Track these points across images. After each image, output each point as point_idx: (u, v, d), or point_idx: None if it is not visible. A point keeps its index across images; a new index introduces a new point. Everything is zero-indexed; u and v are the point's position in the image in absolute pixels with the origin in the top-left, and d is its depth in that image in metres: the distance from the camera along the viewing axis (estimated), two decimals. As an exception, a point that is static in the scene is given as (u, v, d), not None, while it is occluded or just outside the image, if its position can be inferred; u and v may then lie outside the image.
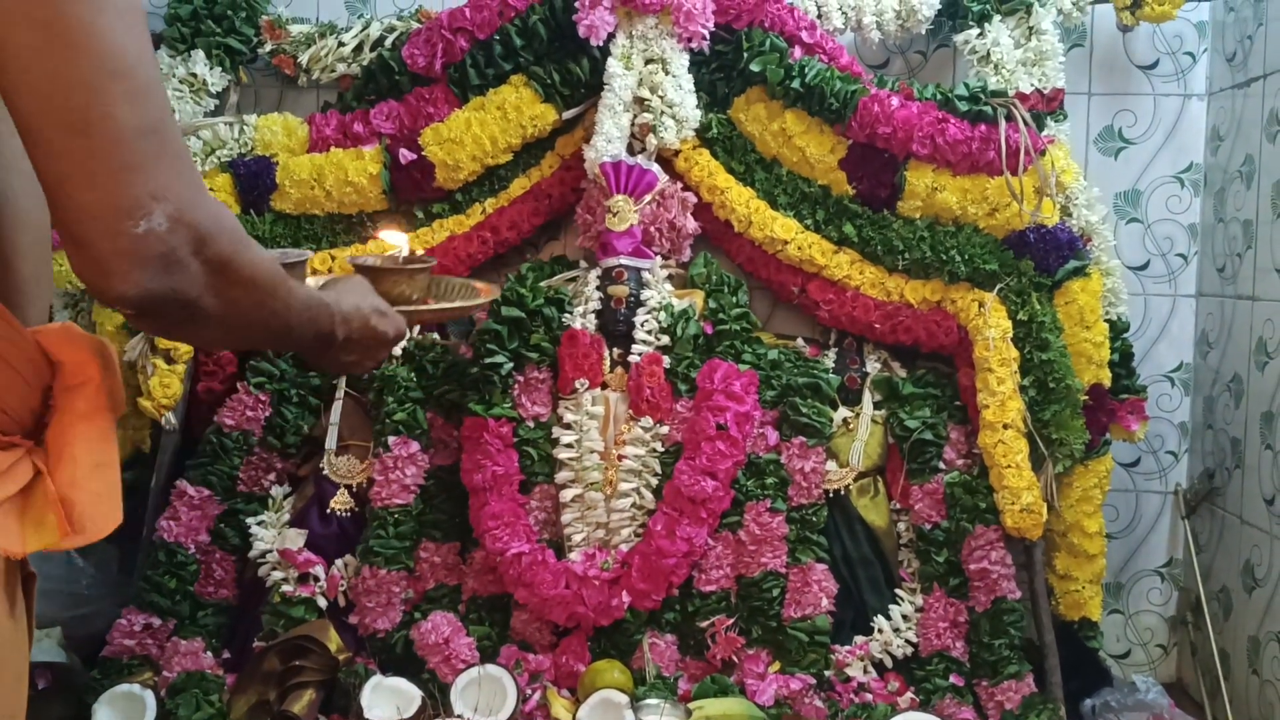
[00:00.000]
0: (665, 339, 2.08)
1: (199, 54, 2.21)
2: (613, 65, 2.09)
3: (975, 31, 2.15)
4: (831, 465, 2.09)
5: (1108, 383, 2.07)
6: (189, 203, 0.77)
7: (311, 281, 1.14)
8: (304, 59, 2.24)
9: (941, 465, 2.06)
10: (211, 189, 2.16)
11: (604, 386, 2.07)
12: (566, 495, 2.02)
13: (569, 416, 2.05)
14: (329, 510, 2.10)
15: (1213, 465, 2.20)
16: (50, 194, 0.75)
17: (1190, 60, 2.27)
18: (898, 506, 2.10)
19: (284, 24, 2.27)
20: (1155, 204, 2.29)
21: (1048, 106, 2.14)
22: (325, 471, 2.12)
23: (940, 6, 2.17)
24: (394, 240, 1.43)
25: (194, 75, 2.21)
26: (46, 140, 0.73)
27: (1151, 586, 2.33)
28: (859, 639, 2.02)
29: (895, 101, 2.05)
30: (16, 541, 0.81)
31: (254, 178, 2.17)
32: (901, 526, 2.10)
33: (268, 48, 2.26)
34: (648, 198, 2.11)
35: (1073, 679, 2.00)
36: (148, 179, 0.74)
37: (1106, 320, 2.08)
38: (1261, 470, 2.01)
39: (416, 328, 2.17)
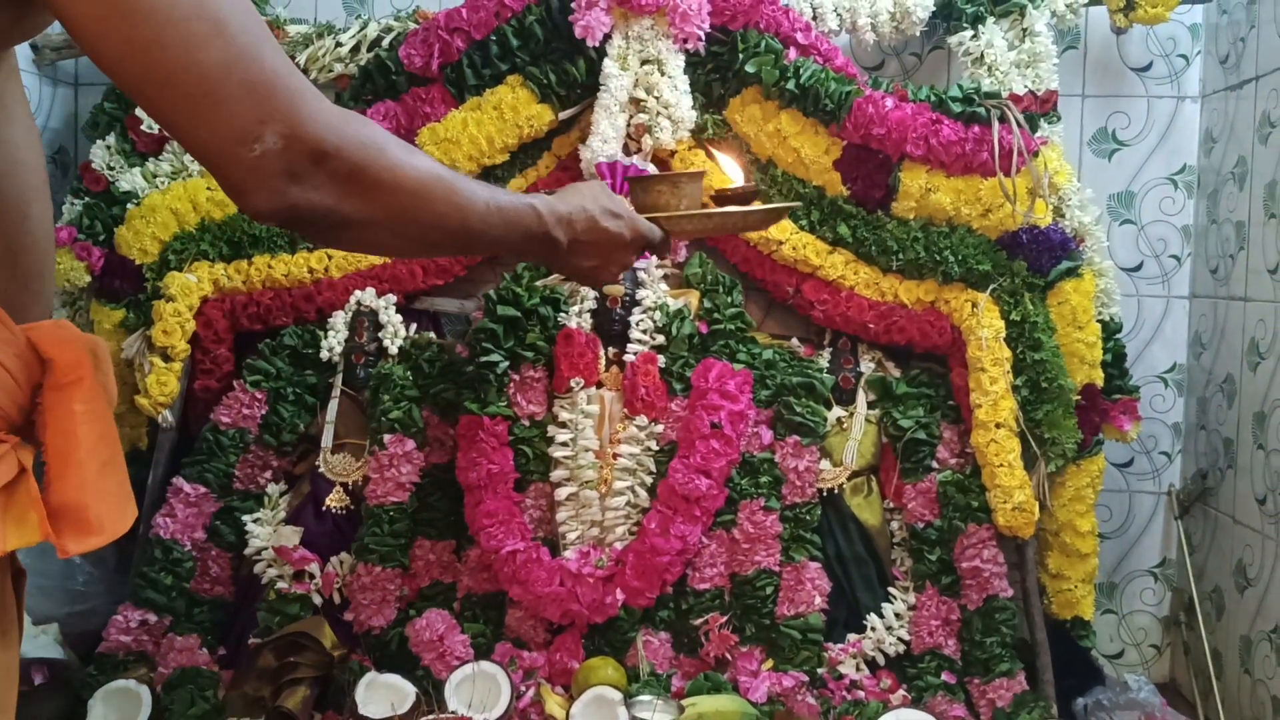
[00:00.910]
0: (660, 338, 2.09)
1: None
2: (609, 66, 2.10)
3: (969, 33, 2.16)
4: (825, 464, 2.10)
5: (1100, 383, 2.08)
6: (300, 119, 0.79)
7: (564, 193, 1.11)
8: (302, 59, 2.25)
9: (934, 464, 2.07)
10: (209, 188, 2.17)
11: (599, 385, 2.08)
12: (561, 493, 2.03)
13: (564, 415, 2.06)
14: (325, 508, 2.11)
15: (1206, 466, 2.21)
16: (176, 139, 0.81)
17: (1184, 62, 2.28)
18: (891, 505, 2.11)
19: (282, 24, 2.28)
20: (1149, 205, 2.30)
21: (1041, 108, 2.16)
22: (321, 469, 2.13)
23: (934, 8, 2.19)
24: (729, 171, 1.39)
25: (192, 75, 2.22)
26: (144, 97, 0.77)
27: (1145, 586, 2.34)
28: (852, 637, 2.03)
29: (889, 103, 2.07)
30: None
31: (251, 177, 2.17)
32: (894, 525, 2.11)
33: (266, 48, 2.26)
34: (643, 198, 2.11)
35: (1065, 678, 2.01)
36: (248, 107, 0.77)
37: (1099, 321, 2.09)
38: (1254, 470, 2.02)
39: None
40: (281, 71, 0.80)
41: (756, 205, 1.30)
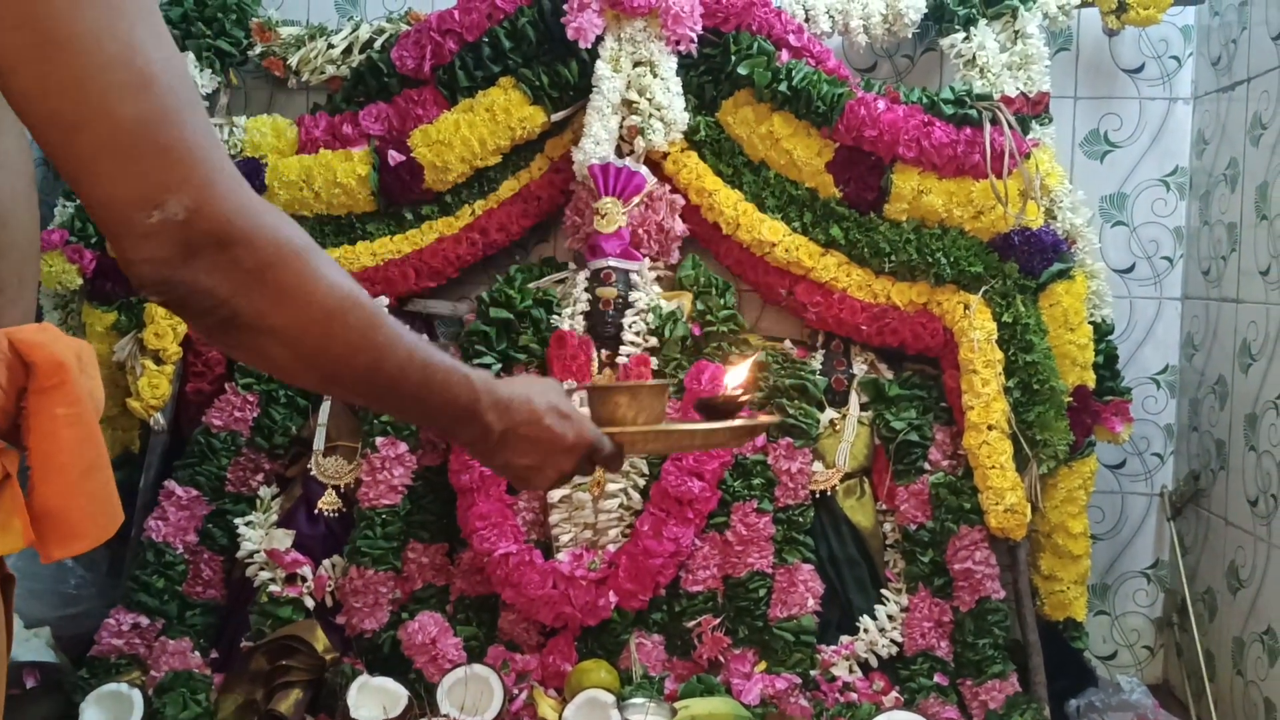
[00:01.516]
0: (653, 340, 2.09)
1: (189, 56, 2.21)
2: (601, 68, 2.10)
3: (961, 35, 2.16)
4: (818, 466, 2.10)
5: (1092, 384, 2.08)
6: (212, 195, 0.72)
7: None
8: (294, 61, 2.25)
9: (927, 466, 2.07)
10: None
11: (592, 388, 2.08)
12: (554, 496, 2.03)
13: (556, 417, 2.06)
14: (317, 511, 2.11)
15: (1198, 467, 2.22)
16: (72, 188, 0.74)
17: (1175, 64, 2.28)
18: (883, 507, 2.11)
19: (274, 26, 2.28)
20: (1141, 207, 2.30)
21: (1033, 110, 2.16)
22: (313, 472, 2.13)
23: (926, 10, 2.18)
24: (729, 379, 1.22)
25: (184, 77, 2.21)
26: (49, 140, 0.72)
27: (1138, 588, 2.34)
28: (844, 639, 2.03)
29: (882, 105, 2.07)
30: None
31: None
32: (887, 527, 2.11)
33: (258, 50, 2.26)
34: (636, 200, 2.12)
35: (1057, 679, 2.01)
36: (156, 170, 0.71)
37: (1091, 322, 2.09)
38: (1246, 472, 2.02)
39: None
40: (203, 142, 0.73)
41: (732, 422, 1.14)
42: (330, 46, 2.24)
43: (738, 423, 1.14)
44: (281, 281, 0.76)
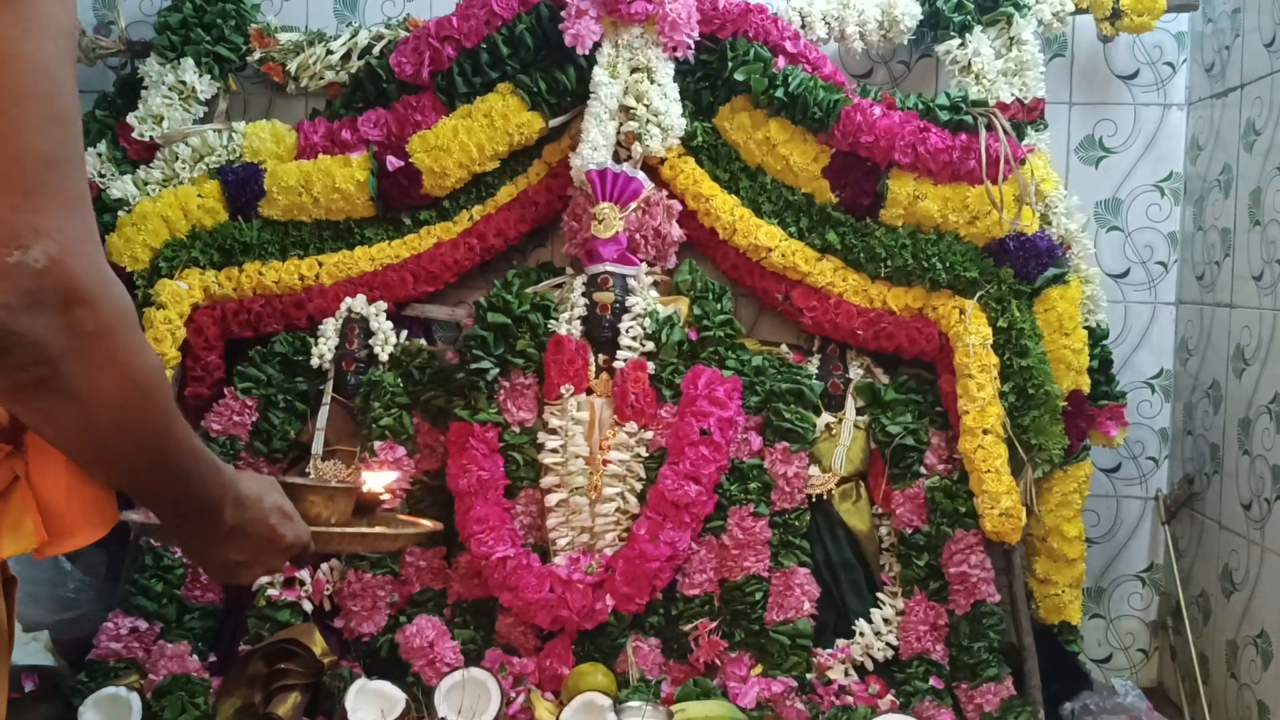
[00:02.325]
0: (650, 345, 2.10)
1: (188, 62, 2.23)
2: (599, 74, 2.11)
3: (956, 42, 2.17)
4: (814, 470, 2.11)
5: (1087, 389, 2.09)
6: (74, 251, 0.70)
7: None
8: (293, 67, 2.26)
9: (922, 470, 2.08)
10: (200, 195, 2.18)
11: (589, 392, 2.09)
12: (551, 500, 2.04)
13: (554, 422, 2.07)
14: (315, 515, 2.11)
15: (1192, 471, 2.23)
16: None
17: (1170, 70, 2.30)
18: (879, 511, 2.12)
19: (273, 32, 2.29)
20: (1135, 212, 2.31)
21: (1028, 116, 2.17)
22: (312, 476, 2.13)
23: (922, 17, 2.20)
24: (375, 481, 1.25)
25: (183, 83, 2.23)
26: None
27: (1133, 591, 2.35)
28: (840, 642, 2.04)
29: (877, 111, 2.08)
30: None
31: (242, 184, 2.18)
32: (883, 531, 2.12)
33: (257, 55, 2.27)
34: (633, 205, 2.13)
35: (1052, 682, 2.02)
36: (37, 210, 0.69)
37: (1086, 327, 2.11)
38: (1239, 476, 2.03)
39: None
40: (83, 196, 0.73)
41: (424, 525, 1.22)
42: (329, 52, 2.25)
43: (416, 531, 1.22)
44: (112, 350, 0.74)
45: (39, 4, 0.69)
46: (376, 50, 2.24)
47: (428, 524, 1.24)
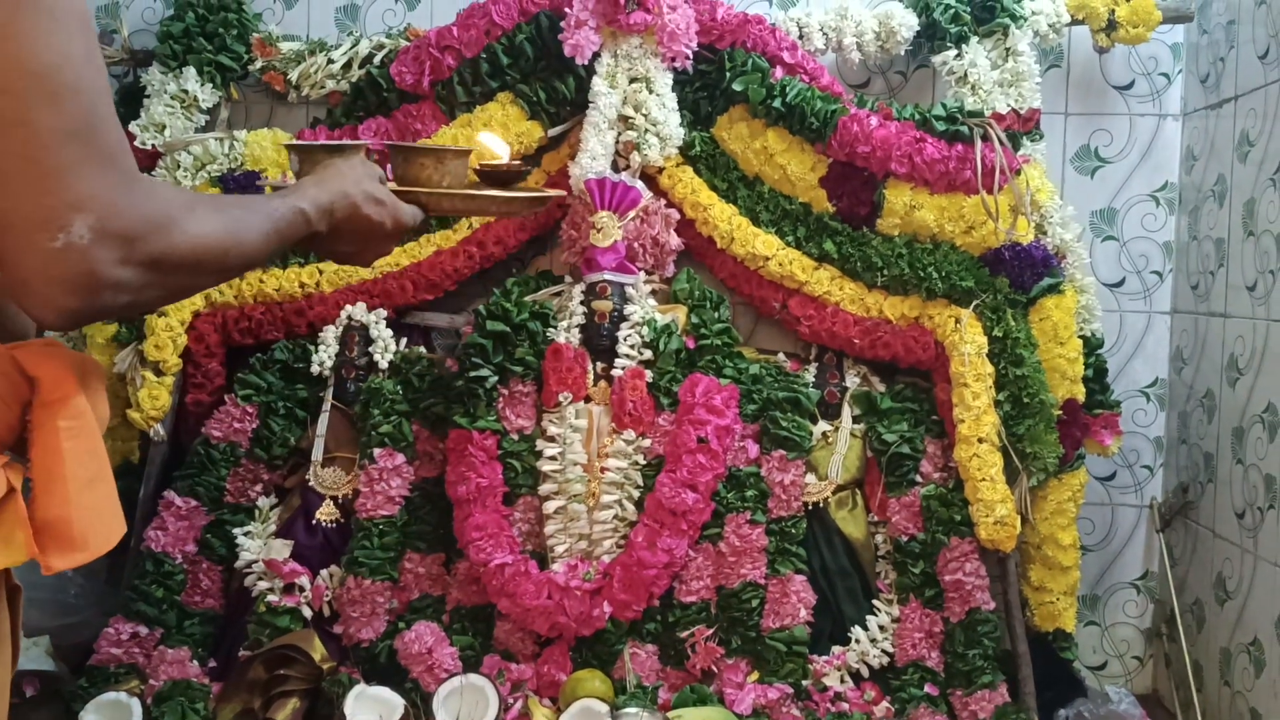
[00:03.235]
0: (648, 353, 2.12)
1: (191, 70, 2.24)
2: (598, 84, 2.13)
3: (953, 53, 2.19)
4: (811, 478, 2.12)
5: (1082, 398, 2.10)
6: (114, 209, 0.73)
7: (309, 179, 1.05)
8: (294, 76, 2.27)
9: (918, 478, 2.09)
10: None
11: (587, 400, 2.11)
12: (550, 507, 2.05)
13: (553, 429, 2.08)
14: (315, 521, 2.13)
15: (1187, 479, 2.24)
16: None
17: (1165, 81, 2.31)
18: (875, 519, 2.13)
19: (275, 41, 2.30)
20: (1131, 222, 2.33)
21: (1024, 126, 2.19)
22: (311, 483, 2.15)
23: (919, 28, 2.21)
24: (493, 146, 1.30)
25: (185, 91, 2.24)
26: None
27: (1127, 599, 2.36)
28: (836, 649, 2.05)
29: (874, 121, 2.09)
30: None
31: (243, 192, 2.19)
32: (879, 538, 2.13)
33: (258, 64, 2.29)
34: (631, 214, 2.14)
35: (1047, 689, 2.03)
36: (67, 187, 0.71)
37: (1081, 336, 2.12)
38: (1233, 485, 2.04)
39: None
40: (112, 152, 0.74)
41: (531, 191, 1.24)
42: (330, 62, 2.26)
43: (533, 194, 1.24)
44: (179, 254, 0.79)
45: None
46: (377, 59, 2.26)
47: (542, 191, 1.27)
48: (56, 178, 0.71)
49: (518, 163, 1.24)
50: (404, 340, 2.23)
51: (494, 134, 1.34)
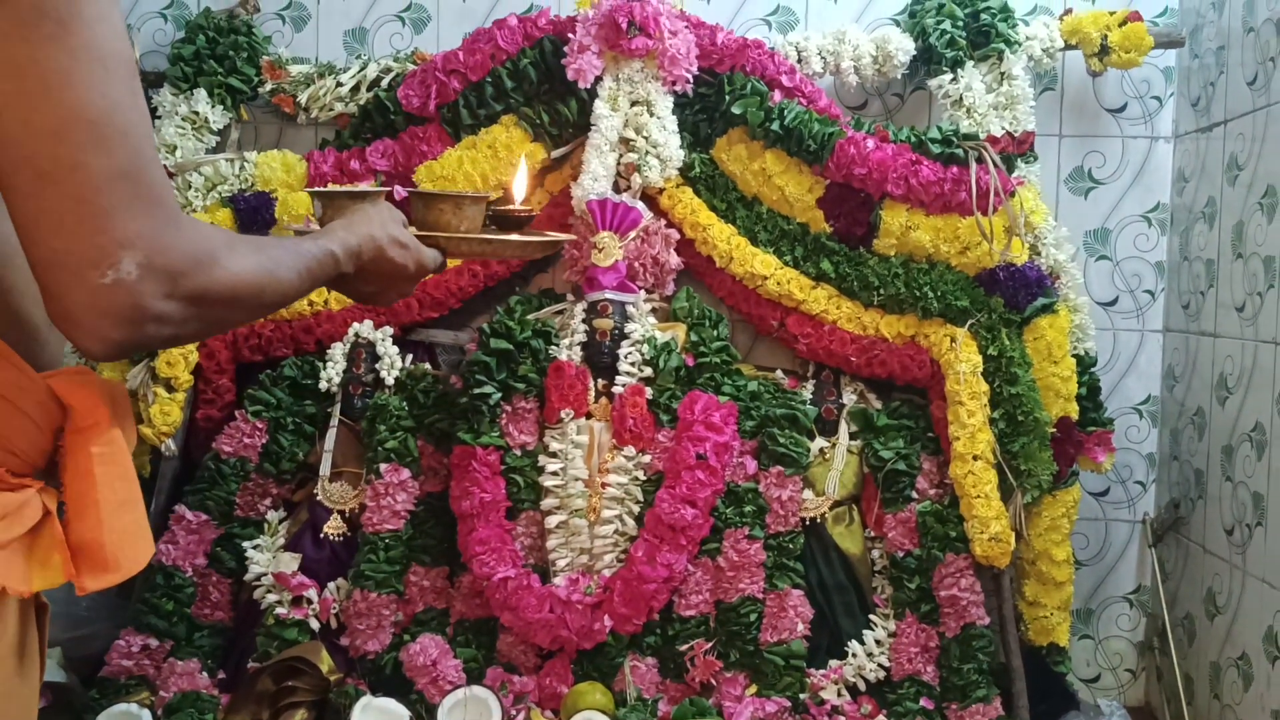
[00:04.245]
0: (648, 371, 2.16)
1: (201, 93, 2.29)
2: (600, 107, 2.18)
3: (949, 77, 2.23)
4: (808, 494, 2.16)
5: (1075, 415, 2.14)
6: (160, 246, 0.77)
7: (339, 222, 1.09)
8: (303, 98, 2.32)
9: (914, 495, 2.13)
10: (212, 223, 2.24)
11: (589, 416, 2.15)
12: (551, 521, 2.09)
13: (555, 445, 2.12)
14: (322, 535, 2.17)
15: (1178, 496, 2.28)
16: (22, 240, 0.76)
17: (1157, 104, 2.35)
18: (872, 534, 2.17)
19: (284, 64, 2.35)
20: (1124, 242, 2.37)
21: (1018, 149, 2.23)
22: (319, 497, 2.19)
23: (915, 52, 2.25)
24: (519, 184, 1.34)
25: (196, 113, 2.29)
26: (17, 186, 0.75)
27: (1121, 612, 2.40)
28: (834, 663, 2.09)
29: (871, 143, 2.14)
30: (22, 581, 0.84)
31: (254, 212, 2.24)
32: (875, 554, 2.17)
33: (268, 87, 2.34)
34: (632, 234, 2.19)
35: (1041, 702, 2.07)
36: (116, 226, 0.75)
37: (1074, 355, 2.16)
38: (1222, 501, 2.08)
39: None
40: (158, 192, 0.78)
41: (545, 235, 1.29)
42: (339, 84, 2.31)
43: (546, 237, 1.29)
44: (220, 288, 0.83)
45: (85, 33, 0.74)
46: (385, 83, 2.30)
47: (556, 235, 1.31)
48: (107, 217, 0.74)
49: (527, 208, 1.28)
50: (409, 357, 2.28)
51: (521, 176, 1.39)
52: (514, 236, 1.24)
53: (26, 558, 0.85)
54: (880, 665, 2.08)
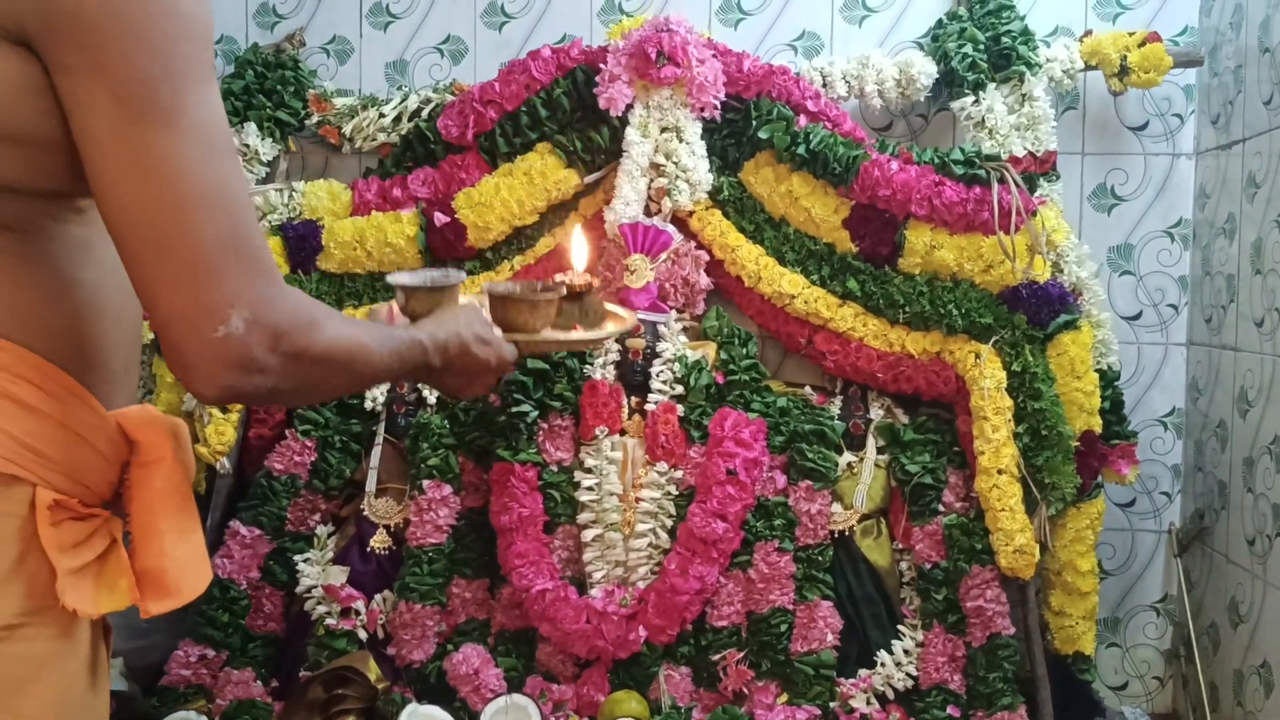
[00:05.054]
0: (679, 389, 2.23)
1: (251, 126, 2.40)
2: (631, 134, 2.25)
3: (971, 99, 2.28)
4: (836, 507, 2.22)
5: (1099, 429, 2.18)
6: (264, 304, 0.85)
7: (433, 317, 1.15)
8: (348, 129, 2.42)
9: (941, 508, 2.18)
10: (262, 251, 2.34)
11: (622, 433, 2.22)
12: (587, 535, 2.17)
13: (590, 461, 2.20)
14: (369, 549, 2.26)
15: (1203, 506, 2.31)
16: (142, 300, 0.85)
17: (1179, 121, 2.39)
18: (899, 547, 2.23)
19: (329, 97, 2.45)
20: (1147, 257, 2.41)
21: (1040, 168, 2.28)
22: (365, 513, 2.28)
23: (938, 75, 2.31)
24: (577, 255, 1.40)
25: (247, 146, 2.40)
26: (136, 254, 0.82)
27: (1148, 621, 2.43)
28: (863, 672, 2.14)
29: (895, 165, 2.20)
30: (92, 604, 0.90)
31: (302, 240, 2.34)
32: (903, 566, 2.22)
33: (314, 119, 2.44)
34: (663, 256, 2.26)
35: (1066, 710, 2.11)
36: (224, 286, 0.83)
37: (1097, 370, 2.20)
38: (1244, 512, 2.12)
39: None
40: (260, 255, 0.86)
41: (607, 329, 1.35)
42: (381, 115, 2.40)
43: (612, 329, 1.35)
44: (314, 357, 0.91)
45: (191, 116, 0.82)
46: (425, 113, 2.40)
47: (623, 319, 1.37)
48: (217, 279, 0.83)
49: (587, 277, 1.33)
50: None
51: (582, 245, 1.45)
52: (583, 335, 1.31)
53: (95, 582, 0.91)
54: (908, 674, 2.13)
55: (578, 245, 1.43)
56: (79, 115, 0.81)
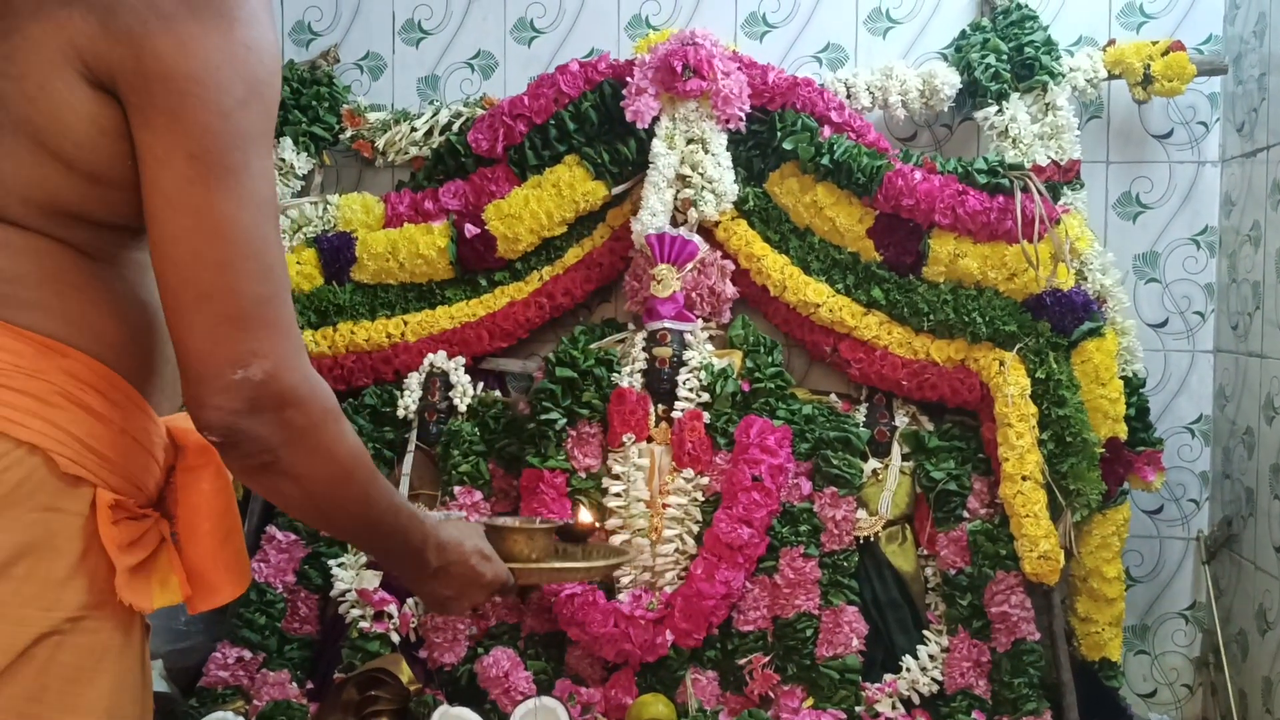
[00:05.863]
0: (706, 396, 2.26)
1: (287, 141, 2.46)
2: (657, 145, 2.29)
3: (994, 109, 2.30)
4: (862, 514, 2.24)
5: (1124, 436, 2.19)
6: (286, 364, 0.90)
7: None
8: (380, 143, 2.48)
9: (965, 514, 2.20)
10: (299, 262, 2.40)
11: (650, 440, 2.25)
12: (615, 541, 2.20)
13: (617, 468, 2.23)
14: (401, 554, 2.30)
15: (1230, 513, 2.31)
16: (173, 331, 0.90)
17: (1204, 129, 2.40)
18: (924, 553, 2.24)
19: (362, 112, 2.51)
20: (1173, 265, 2.41)
21: (1064, 177, 2.30)
22: (398, 518, 2.32)
23: (961, 86, 2.33)
24: (582, 516, 1.53)
25: (283, 160, 2.46)
26: (180, 299, 0.88)
27: (1176, 628, 2.43)
28: (888, 677, 2.16)
29: (918, 175, 2.22)
30: (146, 599, 0.96)
31: (336, 252, 2.40)
32: (928, 572, 2.24)
33: (348, 134, 2.50)
34: (689, 266, 2.30)
35: (1093, 717, 2.12)
36: (254, 338, 0.88)
37: (1122, 377, 2.21)
38: (1273, 519, 2.12)
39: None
40: (291, 321, 0.91)
41: (608, 560, 1.39)
42: (413, 130, 2.46)
43: (612, 560, 1.38)
44: (320, 440, 0.94)
45: (248, 182, 0.88)
46: (456, 127, 2.45)
47: (622, 553, 1.43)
48: (250, 332, 0.88)
49: (590, 522, 1.40)
50: (480, 385, 2.40)
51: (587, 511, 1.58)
52: (579, 564, 1.35)
53: (150, 579, 0.97)
54: (933, 679, 2.15)
55: (584, 515, 1.58)
56: (151, 166, 0.87)
